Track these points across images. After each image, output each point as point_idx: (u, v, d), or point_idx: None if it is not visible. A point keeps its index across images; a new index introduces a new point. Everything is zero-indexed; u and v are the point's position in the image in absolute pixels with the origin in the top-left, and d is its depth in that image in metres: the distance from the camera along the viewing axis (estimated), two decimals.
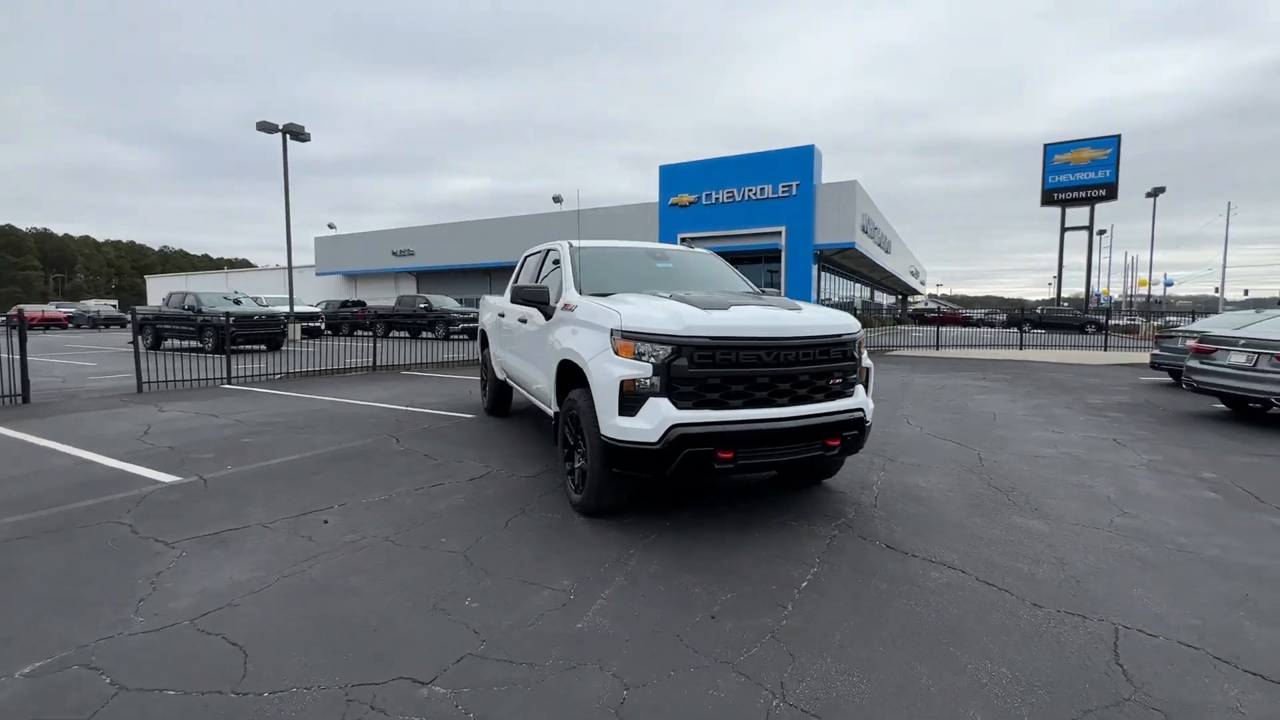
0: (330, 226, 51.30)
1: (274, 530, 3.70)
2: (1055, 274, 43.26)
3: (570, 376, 4.31)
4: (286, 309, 23.17)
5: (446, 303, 27.51)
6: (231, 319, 15.60)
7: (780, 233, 30.83)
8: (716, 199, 32.16)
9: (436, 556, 3.36)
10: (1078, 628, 2.68)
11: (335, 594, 2.92)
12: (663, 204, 33.75)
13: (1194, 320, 14.25)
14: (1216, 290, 58.96)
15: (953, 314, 53.58)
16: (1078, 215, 43.59)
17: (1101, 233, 43.89)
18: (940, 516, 4.06)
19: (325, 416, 7.33)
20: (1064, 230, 43.80)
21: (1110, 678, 2.32)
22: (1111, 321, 39.68)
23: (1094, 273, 43.17)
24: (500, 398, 7.31)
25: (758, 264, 34.02)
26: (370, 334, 25.07)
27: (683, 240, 33.43)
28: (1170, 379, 11.56)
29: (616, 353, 3.56)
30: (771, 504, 4.26)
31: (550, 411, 4.78)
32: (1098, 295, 50.91)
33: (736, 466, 3.54)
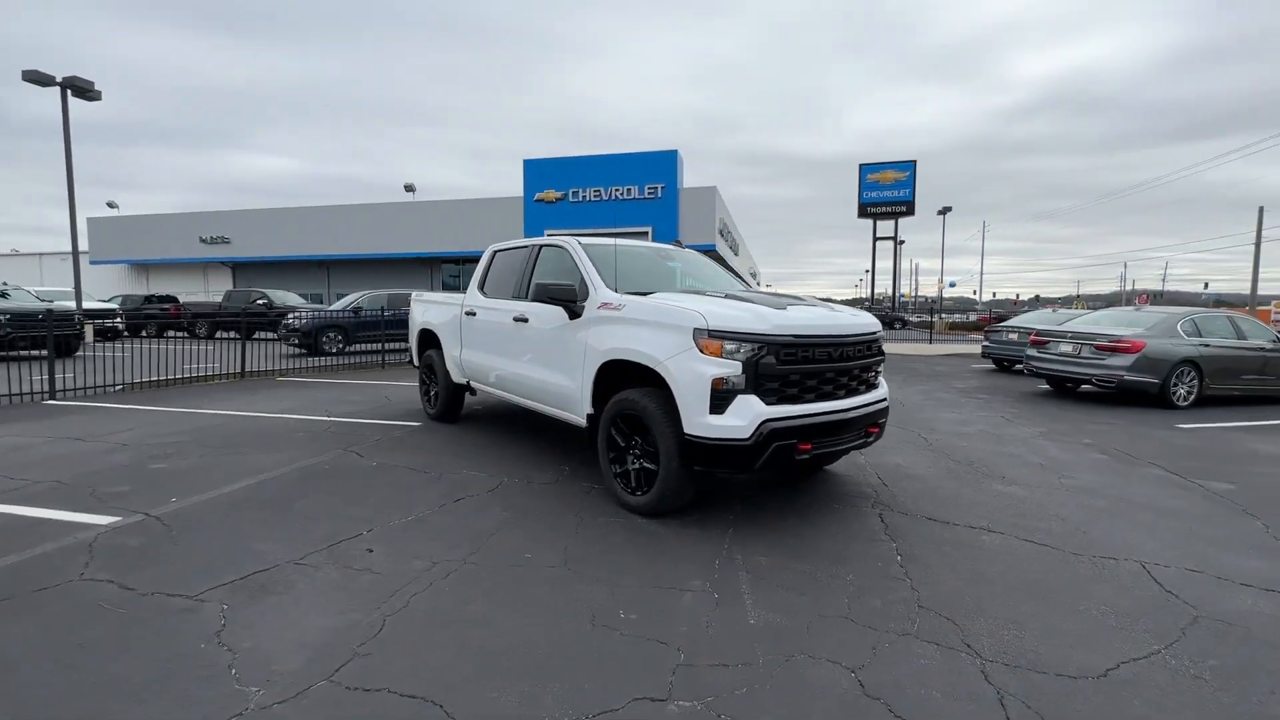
0: (110, 206, 42.60)
1: (315, 567, 3.16)
2: (860, 276, 49.93)
3: (618, 376, 4.23)
4: (73, 305, 18.84)
5: (289, 298, 24.41)
6: (6, 317, 12.47)
7: (647, 233, 31.79)
8: (583, 197, 32.29)
9: (538, 573, 3.14)
10: (1118, 567, 3.31)
11: (468, 625, 2.63)
12: (528, 199, 33.08)
13: (1010, 319, 17.38)
14: (975, 293, 72.23)
15: None
16: (886, 226, 50.66)
17: (902, 242, 51.50)
18: (940, 489, 4.67)
19: (239, 432, 6.24)
20: (875, 239, 50.66)
21: (1172, 602, 2.93)
22: (911, 318, 47.74)
23: (898, 276, 50.57)
24: (454, 403, 6.80)
25: None
26: (186, 335, 21.40)
27: (549, 236, 33.18)
28: (994, 366, 14.09)
29: (702, 351, 3.59)
30: (800, 492, 4.56)
31: (574, 416, 4.62)
32: (901, 297, 59.67)
33: (812, 457, 3.78)
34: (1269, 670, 2.39)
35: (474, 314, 6.03)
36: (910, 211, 50.90)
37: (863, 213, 51.77)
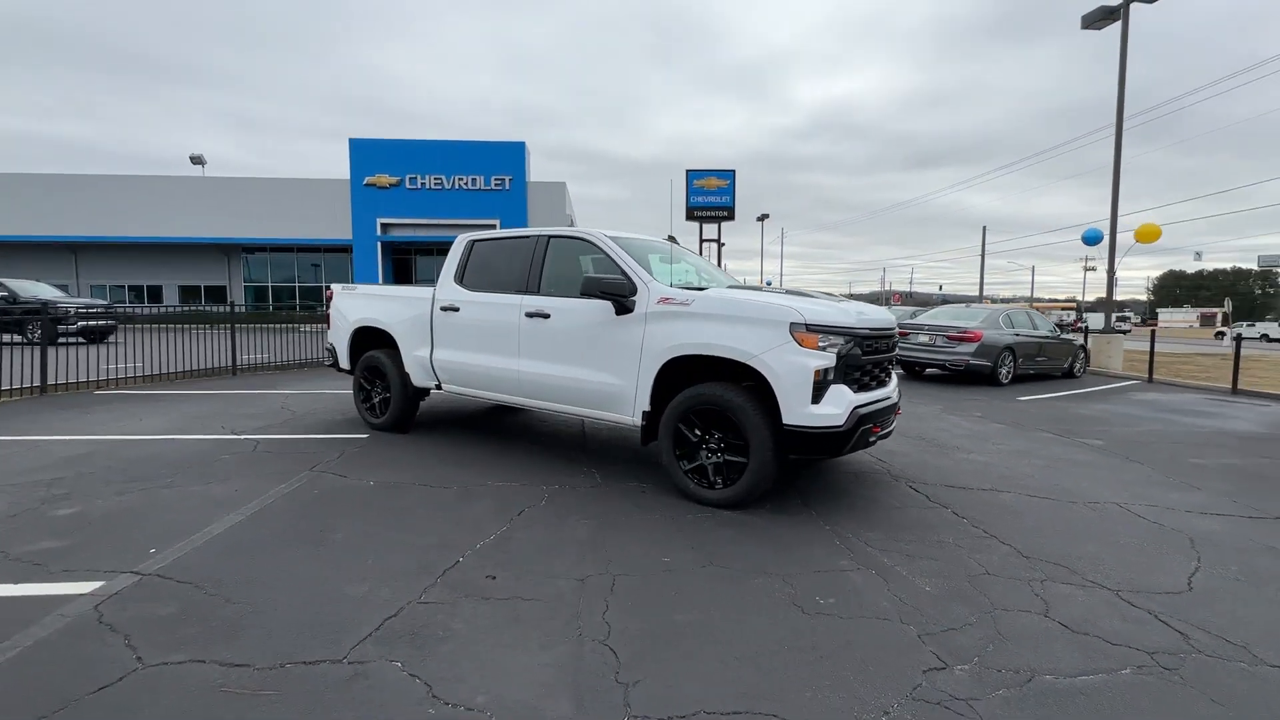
0: None
1: (449, 603, 2.72)
2: None
3: (678, 373, 4.20)
4: None
5: (40, 289, 19.24)
6: None
7: (494, 225, 30.64)
8: (423, 184, 30.06)
9: (694, 574, 3.05)
10: (1105, 509, 4.20)
11: (693, 632, 2.50)
12: (356, 182, 29.89)
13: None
14: None
15: None
16: (711, 230, 54.72)
17: (723, 244, 56.28)
18: (926, 462, 5.40)
19: (134, 462, 4.90)
20: (702, 241, 54.44)
21: (1164, 531, 3.82)
22: None
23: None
24: (410, 410, 6.06)
25: None
26: None
27: (384, 225, 30.26)
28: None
29: (800, 344, 3.75)
30: (819, 474, 4.95)
31: (618, 416, 4.48)
32: None
33: (876, 440, 4.16)
34: (1269, 568, 3.27)
35: (455, 309, 5.45)
36: (731, 216, 55.45)
37: (690, 216, 55.36)
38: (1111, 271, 14.83)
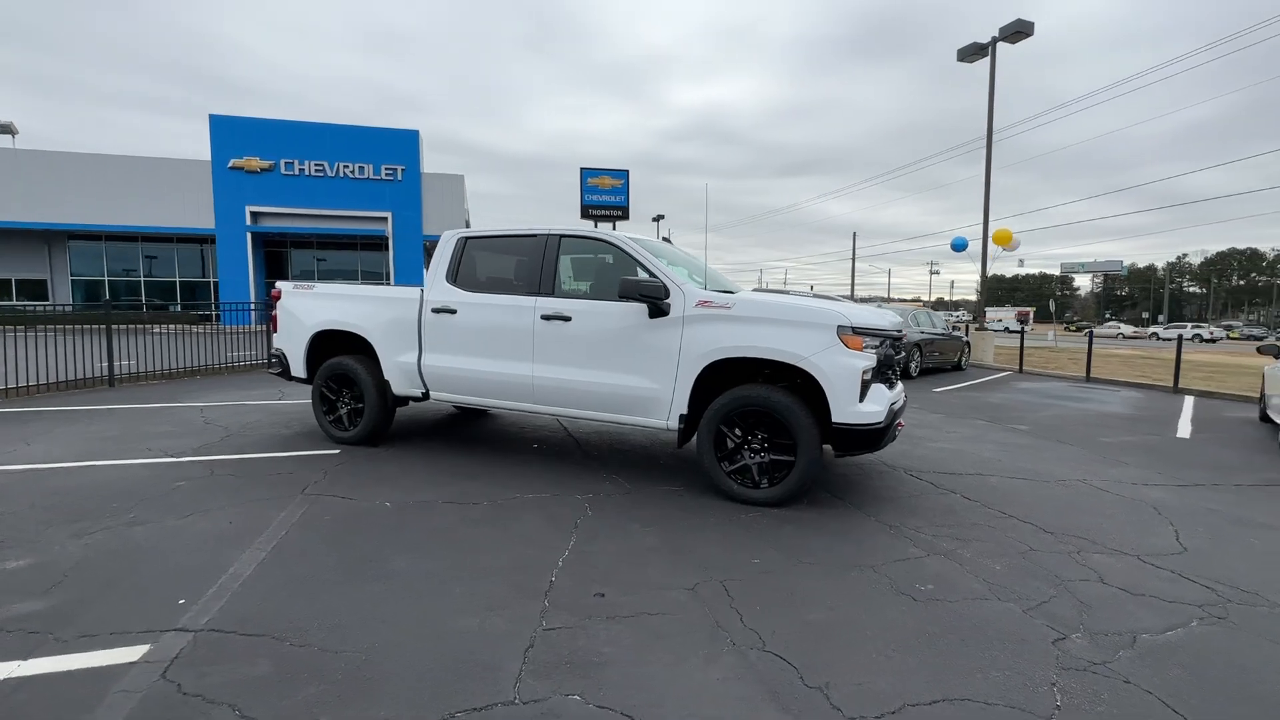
0: None
1: (613, 619, 2.57)
2: None
3: (718, 375, 4.26)
4: None
5: None
6: None
7: (386, 219, 28.66)
8: (302, 170, 27.38)
9: (797, 571, 3.13)
10: (1079, 486, 4.84)
11: (877, 632, 2.57)
12: (219, 164, 26.59)
13: None
14: None
15: None
16: (605, 229, 54.97)
17: None
18: (906, 451, 5.87)
19: (70, 494, 4.06)
20: None
21: (1137, 504, 4.49)
22: None
23: None
24: (385, 422, 5.55)
25: (354, 250, 30.70)
26: None
27: (255, 214, 27.14)
28: None
29: (847, 346, 3.94)
30: (827, 470, 5.24)
31: (649, 420, 4.44)
32: None
33: (898, 435, 4.47)
34: (1222, 527, 3.96)
35: (450, 311, 5.07)
36: (625, 216, 56.34)
37: (585, 214, 55.35)
38: (984, 276, 16.95)
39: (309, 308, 5.77)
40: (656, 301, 4.32)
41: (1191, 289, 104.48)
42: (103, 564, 3.06)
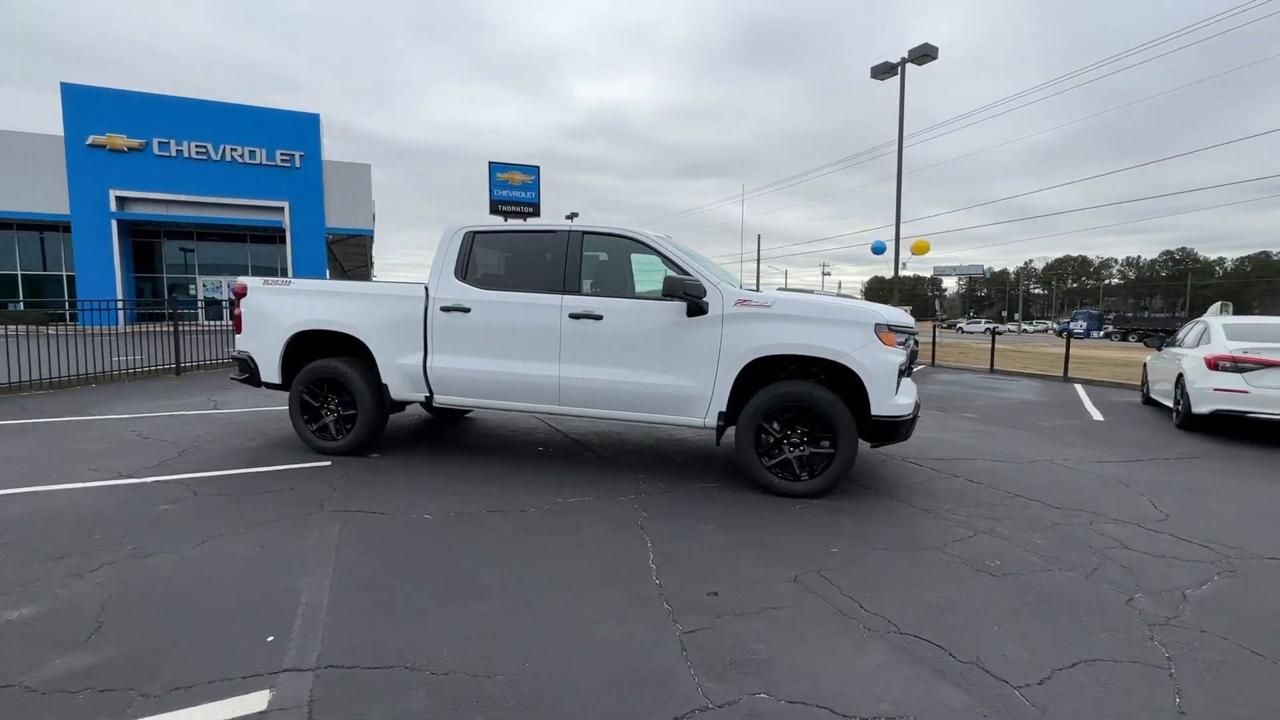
0: None
1: (738, 615, 2.56)
2: None
3: (760, 372, 4.36)
4: None
5: None
6: None
7: (283, 209, 26.31)
8: (180, 151, 24.55)
9: (902, 552, 3.28)
10: (1055, 466, 5.42)
11: (1014, 615, 2.75)
12: (74, 141, 23.22)
13: None
14: None
15: None
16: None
17: None
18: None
19: (39, 526, 3.43)
20: None
21: (1116, 485, 5.10)
22: None
23: None
24: (379, 428, 5.16)
25: (243, 242, 27.86)
26: None
27: (121, 199, 23.89)
28: None
29: (884, 343, 4.17)
30: None
31: (685, 418, 4.47)
32: None
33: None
34: (1183, 497, 4.60)
35: (464, 310, 4.79)
36: (536, 213, 55.36)
37: (494, 210, 53.76)
38: (896, 278, 18.40)
39: (286, 306, 5.22)
40: (697, 300, 4.34)
41: (1036, 290, 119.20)
42: (138, 604, 2.62)
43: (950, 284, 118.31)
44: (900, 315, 4.44)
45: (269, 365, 5.27)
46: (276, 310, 5.23)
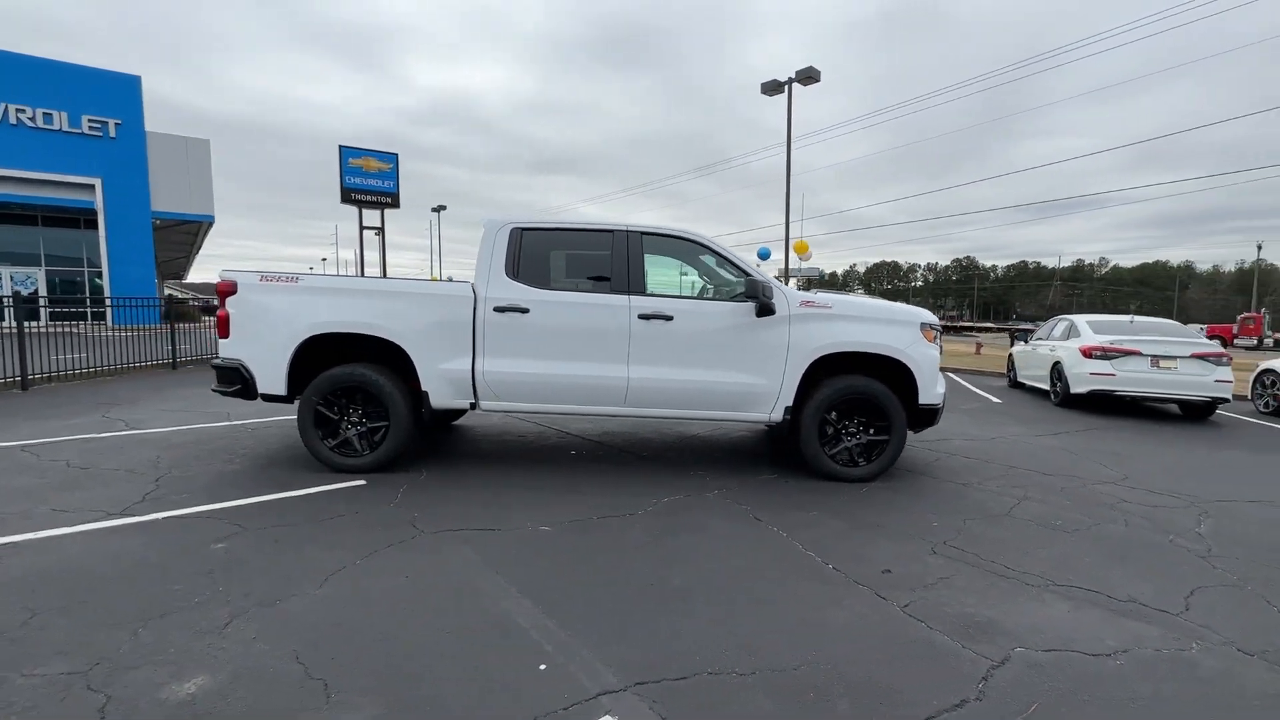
0: None
1: (1042, 590, 2.83)
2: (311, 265, 47.81)
3: (822, 369, 4.69)
4: None
5: None
6: None
7: (94, 186, 21.90)
8: None
9: (993, 521, 3.76)
10: (1026, 440, 6.43)
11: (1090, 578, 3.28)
12: None
13: None
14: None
15: None
16: (372, 217, 49.53)
17: (377, 231, 51.33)
18: None
19: (74, 580, 2.73)
20: (362, 229, 48.88)
21: (1067, 452, 6.17)
22: None
23: (385, 270, 50.30)
24: (409, 441, 4.73)
25: (32, 225, 22.70)
26: None
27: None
28: None
29: (926, 339, 4.71)
30: None
31: (753, 414, 4.69)
32: None
33: None
34: (1116, 452, 5.74)
35: (521, 311, 4.55)
36: (395, 204, 51.34)
37: (346, 199, 49.00)
38: (785, 279, 20.01)
39: (296, 305, 4.55)
40: (769, 301, 4.57)
41: (859, 291, 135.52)
42: (338, 652, 2.26)
43: (792, 285, 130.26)
44: (929, 315, 5.04)
45: (271, 374, 4.56)
46: (283, 311, 4.55)
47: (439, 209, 47.20)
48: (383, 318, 4.55)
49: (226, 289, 4.59)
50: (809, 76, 18.36)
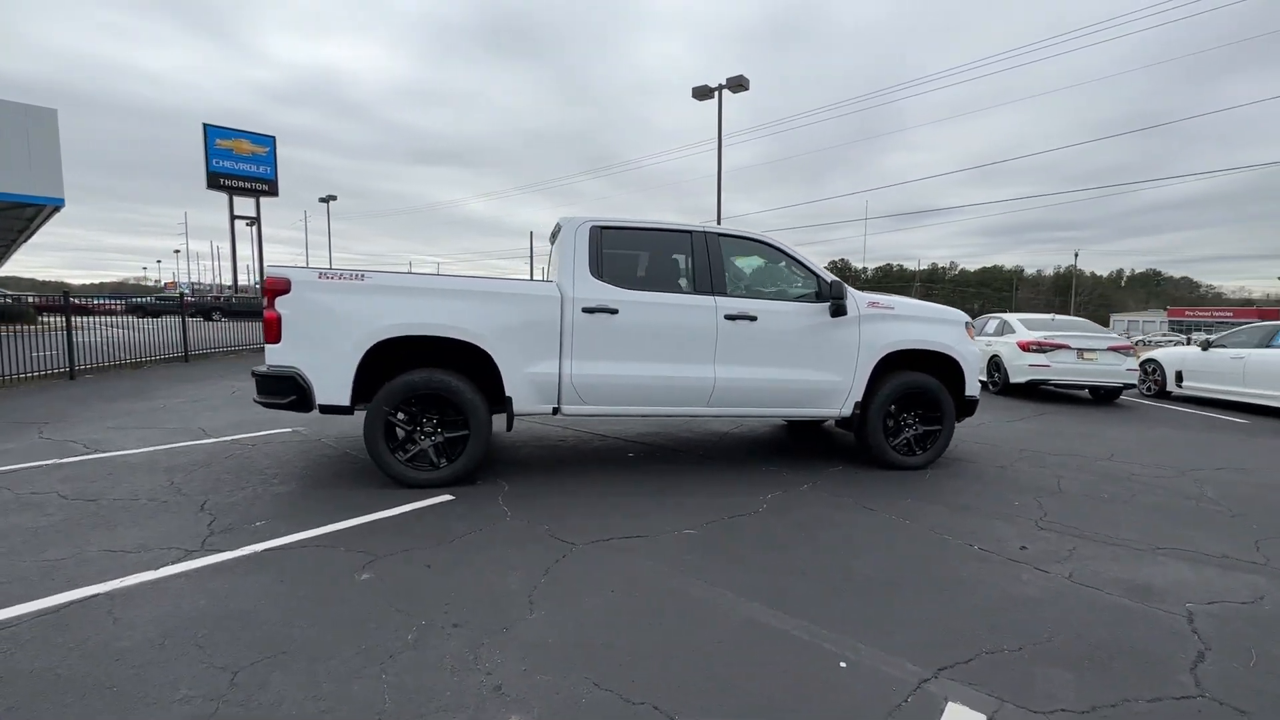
0: None
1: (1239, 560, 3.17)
2: (159, 258, 42.88)
3: (888, 365, 5.02)
4: None
5: None
6: None
7: None
8: None
9: (1077, 499, 4.23)
10: (995, 426, 7.20)
11: None
12: None
13: None
14: None
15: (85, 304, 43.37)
16: (245, 206, 44.72)
17: (249, 222, 46.16)
18: None
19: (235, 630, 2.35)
20: (234, 218, 43.94)
21: (1055, 433, 7.00)
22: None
23: (263, 262, 45.55)
24: (485, 451, 4.47)
25: None
26: None
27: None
28: None
29: (969, 337, 5.19)
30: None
31: (826, 410, 4.93)
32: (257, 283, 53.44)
33: None
34: (1083, 433, 6.64)
35: (612, 311, 4.44)
36: (274, 191, 46.48)
37: (215, 184, 43.64)
38: None
39: (364, 306, 4.12)
40: (842, 302, 4.81)
41: None
42: (627, 676, 2.16)
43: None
44: (968, 316, 5.55)
45: (334, 382, 4.10)
46: (349, 313, 4.10)
47: (328, 199, 43.48)
48: (464, 319, 4.25)
49: (279, 287, 4.05)
50: (739, 85, 19.12)
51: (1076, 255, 74.20)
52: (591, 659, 2.26)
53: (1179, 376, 10.11)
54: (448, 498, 4.06)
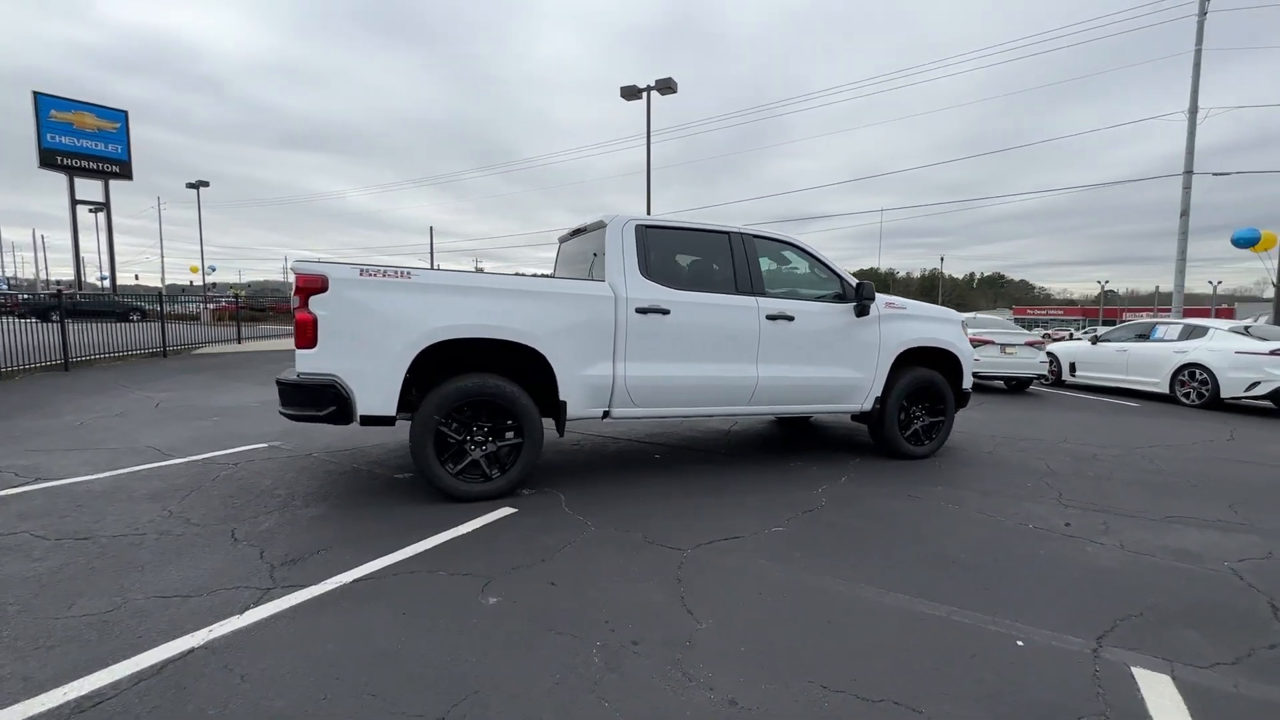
0: None
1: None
2: (73, 254, 37.13)
3: (902, 362, 5.35)
4: None
5: None
6: None
7: None
8: None
9: (1097, 480, 4.73)
10: (979, 414, 7.90)
11: None
12: None
13: None
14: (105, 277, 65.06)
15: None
16: (90, 189, 38.89)
17: (94, 210, 40.18)
18: None
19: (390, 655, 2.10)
20: (75, 203, 38.05)
21: (1047, 420, 7.76)
22: (157, 308, 37.15)
23: (114, 256, 39.86)
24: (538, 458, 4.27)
25: None
26: None
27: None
28: None
29: (965, 336, 5.66)
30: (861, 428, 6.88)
31: (850, 405, 5.19)
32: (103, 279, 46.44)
33: None
34: (1059, 422, 7.47)
35: (663, 312, 4.38)
36: (127, 174, 40.62)
37: (49, 162, 37.33)
38: None
39: (413, 306, 3.77)
40: (870, 302, 5.07)
41: None
42: (865, 682, 2.18)
43: None
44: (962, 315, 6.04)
45: (379, 390, 3.72)
46: (395, 314, 3.73)
47: (198, 185, 38.73)
48: (517, 319, 4.01)
49: (314, 285, 3.61)
50: (666, 86, 19.41)
51: (942, 259, 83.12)
52: (795, 663, 2.25)
53: (1073, 367, 11.63)
54: (510, 510, 3.83)
